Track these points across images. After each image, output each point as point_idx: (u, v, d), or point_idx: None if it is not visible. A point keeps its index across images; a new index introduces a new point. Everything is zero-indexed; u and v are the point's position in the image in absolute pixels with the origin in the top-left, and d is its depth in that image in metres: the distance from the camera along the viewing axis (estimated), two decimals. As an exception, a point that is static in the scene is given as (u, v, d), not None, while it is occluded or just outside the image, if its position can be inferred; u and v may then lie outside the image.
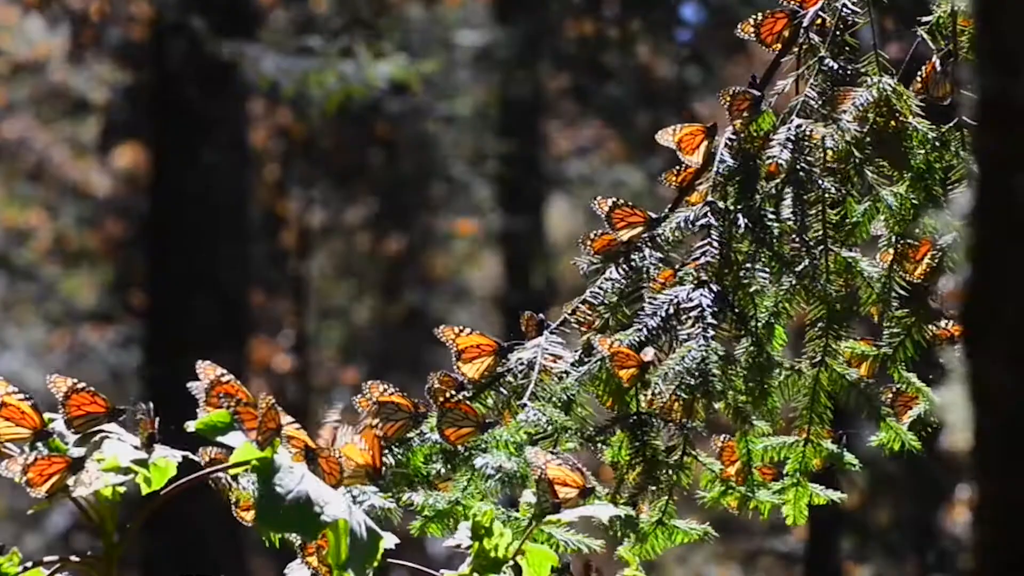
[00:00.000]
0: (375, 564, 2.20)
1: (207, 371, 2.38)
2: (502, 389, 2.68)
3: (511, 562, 2.43)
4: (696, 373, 2.60)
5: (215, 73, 11.85)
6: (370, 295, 18.60)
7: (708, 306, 2.63)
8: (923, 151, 2.81)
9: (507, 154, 15.34)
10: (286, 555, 2.59)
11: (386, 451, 2.62)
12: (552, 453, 2.49)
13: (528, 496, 2.48)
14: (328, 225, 18.10)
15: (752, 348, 2.66)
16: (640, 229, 2.74)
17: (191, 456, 2.43)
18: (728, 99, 2.80)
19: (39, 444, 2.37)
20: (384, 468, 2.54)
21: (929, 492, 12.87)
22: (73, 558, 2.34)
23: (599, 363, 2.63)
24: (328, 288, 18.82)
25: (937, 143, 2.82)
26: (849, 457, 2.79)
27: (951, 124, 2.84)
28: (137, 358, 14.51)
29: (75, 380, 2.40)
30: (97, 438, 2.38)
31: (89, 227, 18.77)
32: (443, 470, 2.60)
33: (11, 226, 18.78)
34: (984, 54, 1.30)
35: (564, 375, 2.65)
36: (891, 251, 2.79)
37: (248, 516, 2.60)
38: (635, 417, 2.65)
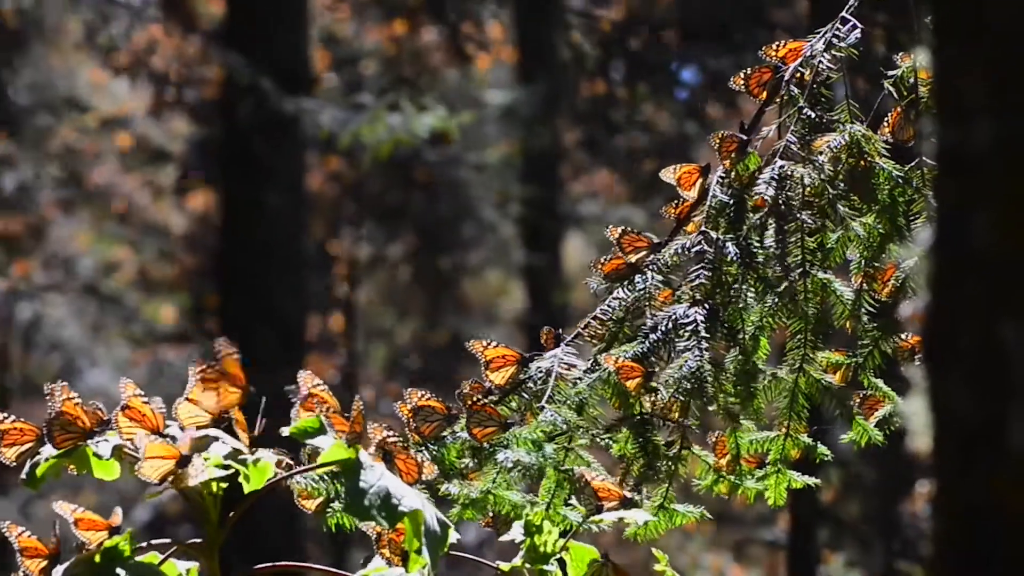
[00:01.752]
0: (444, 551, 2.22)
1: (306, 379, 2.38)
2: (524, 394, 2.67)
3: (557, 555, 2.46)
4: (692, 379, 2.62)
5: (278, 126, 11.82)
6: (410, 319, 18.52)
7: (702, 322, 2.62)
8: (888, 187, 2.79)
9: (529, 197, 15.29)
10: (337, 546, 2.60)
11: (423, 448, 2.64)
12: (590, 467, 2.52)
13: (574, 501, 2.50)
14: (374, 258, 18.04)
15: (740, 357, 2.67)
16: (645, 252, 2.73)
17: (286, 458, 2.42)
18: (718, 141, 2.82)
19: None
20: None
21: (894, 489, 12.81)
22: (183, 543, 2.35)
23: (607, 370, 2.64)
24: (374, 313, 18.75)
25: (901, 180, 2.81)
26: (822, 448, 2.79)
27: (913, 164, 2.82)
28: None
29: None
30: (199, 435, 2.36)
31: (167, 260, 18.73)
32: (472, 464, 2.60)
33: (101, 259, 18.76)
34: (943, 109, 1.29)
35: (577, 381, 2.65)
36: (861, 274, 2.78)
37: (310, 505, 2.57)
38: (639, 417, 2.65)
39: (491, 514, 2.55)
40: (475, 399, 2.66)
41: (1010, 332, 1.20)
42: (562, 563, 2.48)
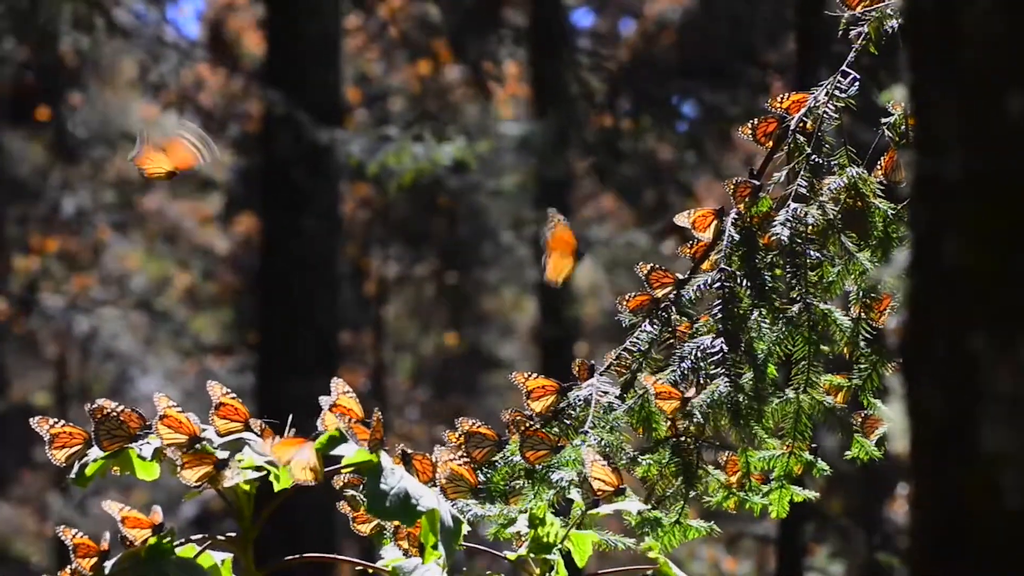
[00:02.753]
0: (458, 545, 2.23)
1: (337, 387, 2.38)
2: (565, 420, 2.67)
3: (559, 545, 2.45)
4: (727, 404, 2.62)
5: (313, 156, 11.84)
6: (434, 332, 18.58)
7: (727, 352, 2.64)
8: (883, 224, 2.79)
9: (542, 221, 15.29)
10: (367, 540, 2.59)
11: (477, 471, 2.63)
12: (598, 454, 2.51)
13: (575, 495, 2.50)
14: (400, 276, 18.10)
15: (753, 379, 2.67)
16: (670, 288, 2.75)
17: None
18: (732, 187, 2.80)
19: (193, 447, 2.36)
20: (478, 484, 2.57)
21: (875, 487, 12.82)
22: (218, 537, 2.35)
23: (640, 398, 2.64)
24: (401, 326, 18.80)
25: (894, 217, 2.81)
26: (821, 464, 2.79)
27: (905, 202, 2.84)
28: (251, 382, 14.51)
29: (224, 392, 2.41)
30: (232, 438, 2.38)
31: (213, 279, 18.80)
32: (525, 484, 2.59)
33: (152, 277, 18.84)
34: (918, 140, 1.30)
35: (611, 407, 2.65)
36: (859, 304, 2.78)
37: (365, 528, 2.60)
38: (674, 439, 2.66)
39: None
40: (527, 425, 2.65)
41: (980, 343, 1.22)
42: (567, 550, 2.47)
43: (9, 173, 17.41)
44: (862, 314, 2.77)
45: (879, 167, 2.84)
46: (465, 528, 2.31)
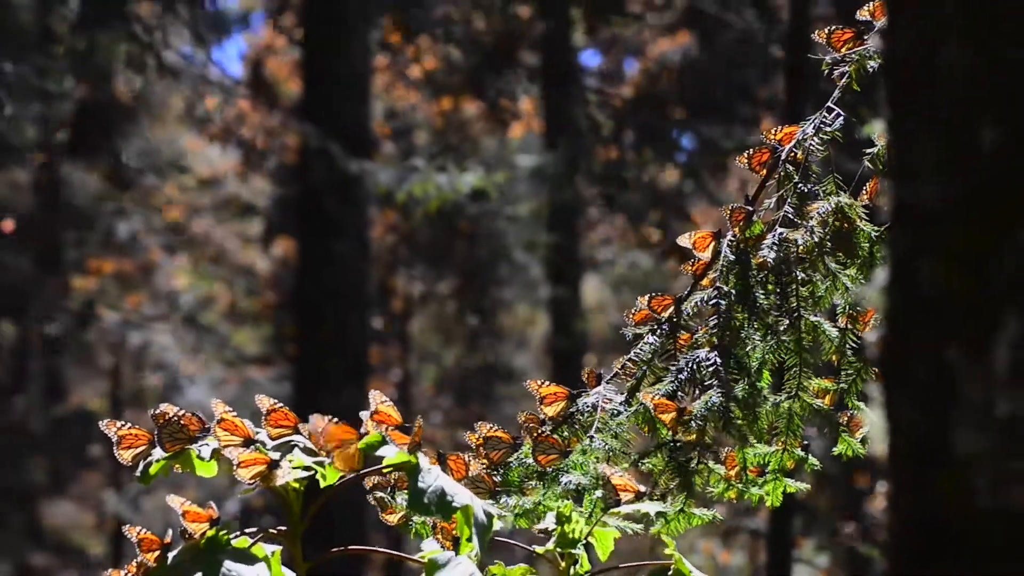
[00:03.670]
0: (489, 538, 2.25)
1: (375, 397, 2.38)
2: (574, 424, 2.69)
3: (583, 540, 2.47)
4: (719, 412, 2.64)
5: (344, 185, 11.84)
6: (454, 344, 18.55)
7: (720, 364, 2.65)
8: (867, 245, 2.80)
9: (553, 243, 15.30)
10: (395, 535, 2.61)
11: (492, 471, 2.64)
12: (616, 468, 2.53)
13: (598, 494, 2.51)
14: (425, 294, 18.08)
15: (747, 387, 2.68)
16: (672, 308, 2.76)
17: None
18: (728, 212, 2.81)
19: (247, 448, 2.37)
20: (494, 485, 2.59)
21: (857, 486, 12.78)
22: (270, 531, 2.35)
23: (642, 406, 2.66)
24: (424, 340, 18.78)
25: (878, 239, 2.82)
26: (812, 459, 2.79)
27: (887, 225, 2.84)
28: (288, 390, 14.52)
29: (273, 402, 2.41)
30: (282, 440, 2.38)
31: (253, 296, 18.80)
32: (537, 485, 2.61)
33: (198, 295, 18.83)
34: (896, 170, 1.29)
35: (616, 412, 2.66)
36: (846, 316, 2.79)
37: (393, 519, 2.60)
38: (671, 442, 2.67)
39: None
40: (539, 431, 2.65)
41: (954, 356, 1.21)
42: (588, 546, 2.48)
43: (69, 201, 17.46)
44: (848, 325, 2.78)
45: (864, 192, 2.86)
46: (497, 524, 2.32)
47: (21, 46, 9.59)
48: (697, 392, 2.66)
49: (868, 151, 2.82)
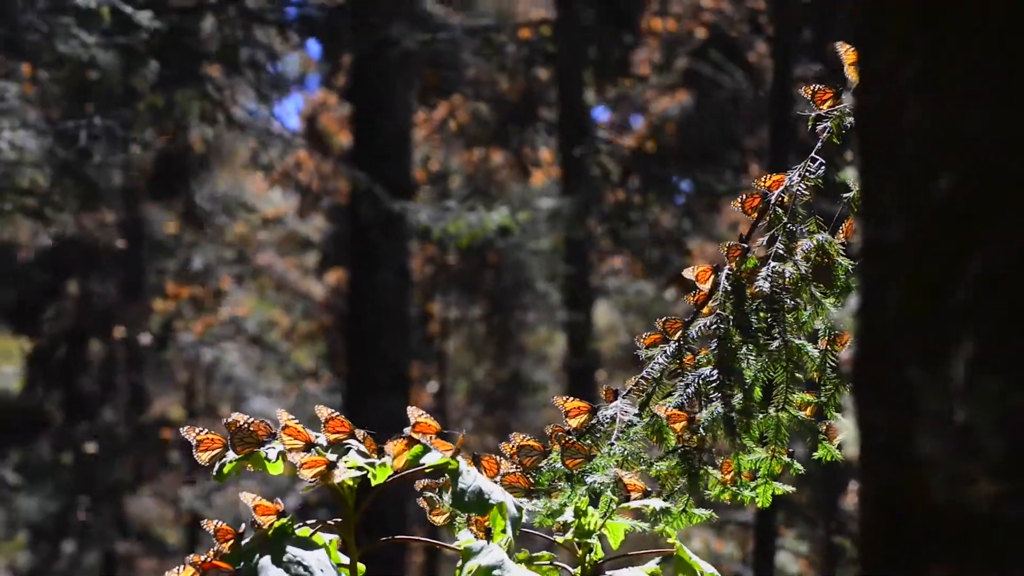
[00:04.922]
0: (519, 529, 2.26)
1: (413, 412, 2.40)
2: (596, 434, 2.69)
3: (598, 532, 2.48)
4: (723, 422, 2.64)
5: (388, 223, 11.85)
6: (484, 361, 18.53)
7: (721, 381, 2.66)
8: (844, 276, 2.80)
9: (569, 274, 15.30)
10: (433, 526, 2.59)
11: (526, 474, 2.64)
12: (627, 471, 2.53)
13: (609, 492, 2.51)
14: (459, 318, 18.08)
15: (742, 399, 2.68)
16: (680, 332, 2.77)
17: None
18: (725, 249, 2.82)
19: (308, 451, 2.38)
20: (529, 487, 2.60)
21: (833, 484, 12.72)
22: (328, 523, 2.36)
23: (654, 417, 2.67)
24: (458, 357, 18.77)
25: (853, 270, 2.82)
26: (796, 465, 2.79)
27: (860, 258, 2.82)
28: (339, 401, 14.52)
29: (330, 412, 2.41)
30: (339, 444, 2.38)
31: (310, 319, 18.83)
32: (565, 486, 2.61)
33: (262, 318, 18.87)
34: (866, 212, 1.28)
35: (631, 423, 2.67)
36: (825, 339, 2.80)
37: (439, 520, 2.61)
38: (681, 449, 2.67)
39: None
40: (567, 440, 2.66)
41: (914, 372, 1.22)
42: (602, 537, 2.49)
43: (150, 236, 17.54)
44: (828, 346, 2.77)
45: (841, 231, 2.86)
46: (525, 517, 2.33)
47: (109, 102, 9.66)
48: (703, 403, 2.66)
49: (845, 195, 2.82)
